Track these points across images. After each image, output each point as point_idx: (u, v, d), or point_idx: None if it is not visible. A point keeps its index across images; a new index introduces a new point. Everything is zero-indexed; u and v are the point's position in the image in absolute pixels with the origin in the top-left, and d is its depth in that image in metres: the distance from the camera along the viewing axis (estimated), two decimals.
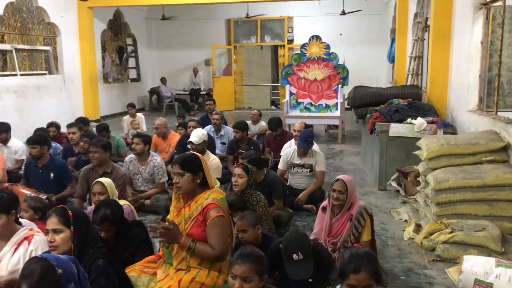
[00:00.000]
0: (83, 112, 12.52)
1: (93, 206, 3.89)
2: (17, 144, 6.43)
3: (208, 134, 6.90)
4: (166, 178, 5.56)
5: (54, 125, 7.24)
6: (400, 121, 6.19)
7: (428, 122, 5.91)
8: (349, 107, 9.47)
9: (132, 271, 2.82)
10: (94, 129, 7.42)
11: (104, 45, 13.76)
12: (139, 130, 9.48)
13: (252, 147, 6.22)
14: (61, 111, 11.15)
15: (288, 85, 10.16)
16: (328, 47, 9.93)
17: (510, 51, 5.79)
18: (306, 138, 5.43)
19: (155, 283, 2.78)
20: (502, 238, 3.93)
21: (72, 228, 2.49)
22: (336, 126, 10.11)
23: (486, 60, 5.83)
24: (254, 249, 2.43)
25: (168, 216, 3.06)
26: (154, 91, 15.97)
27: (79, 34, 12.08)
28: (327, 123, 10.48)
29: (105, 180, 3.91)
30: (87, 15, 12.19)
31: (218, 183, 3.12)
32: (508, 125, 4.70)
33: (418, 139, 5.36)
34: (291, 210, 4.99)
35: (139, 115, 9.72)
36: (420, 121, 5.96)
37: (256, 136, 8.12)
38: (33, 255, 2.86)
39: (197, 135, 5.30)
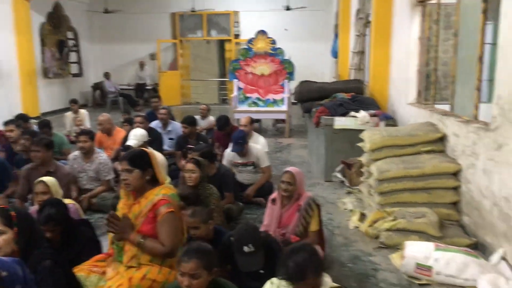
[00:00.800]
0: (21, 109, 11.95)
1: (36, 207, 3.76)
2: None
3: (155, 129, 6.84)
4: (113, 176, 5.44)
5: None
6: (344, 114, 6.39)
7: (370, 115, 6.14)
8: (295, 101, 9.66)
9: (81, 271, 2.76)
10: (35, 126, 7.12)
11: (43, 39, 13.19)
12: (82, 127, 9.22)
13: (201, 143, 6.20)
14: None
15: (236, 80, 10.20)
16: (274, 42, 10.05)
17: (445, 46, 6.11)
18: (237, 140, 5.40)
19: (105, 282, 2.74)
20: (440, 223, 4.16)
21: (15, 229, 2.41)
22: (283, 121, 10.25)
23: (424, 56, 6.12)
24: (200, 244, 2.43)
25: (118, 213, 3.01)
26: (97, 86, 15.51)
27: (15, 27, 11.49)
28: (275, 118, 10.62)
29: (48, 179, 3.78)
30: (23, 7, 11.61)
31: (169, 179, 3.11)
32: (443, 117, 4.97)
33: (361, 131, 5.56)
34: (241, 204, 5.05)
35: (82, 111, 9.43)
36: (362, 114, 6.18)
37: (205, 131, 8.10)
38: None
39: (136, 137, 5.13)
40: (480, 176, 4.03)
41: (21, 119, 6.88)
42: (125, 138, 6.41)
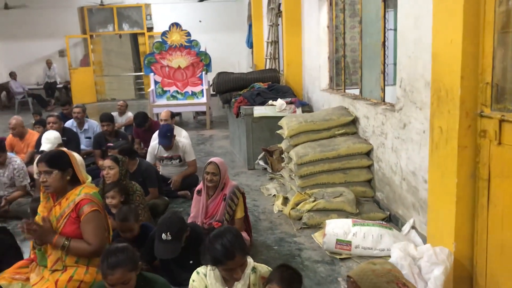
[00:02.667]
0: None
1: None
2: None
3: (70, 129, 6.58)
4: (28, 180, 5.19)
5: None
6: (262, 103, 6.56)
7: (287, 103, 6.36)
8: (214, 93, 9.71)
9: (2, 280, 2.65)
10: None
11: None
12: None
13: (120, 139, 6.08)
14: None
15: (152, 74, 10.04)
16: (188, 34, 10.00)
17: (352, 33, 6.44)
18: (165, 133, 5.41)
19: None
20: (356, 200, 4.45)
21: None
22: (204, 113, 10.27)
23: (333, 43, 6.43)
24: (117, 250, 2.36)
25: (37, 218, 2.91)
26: (2, 87, 14.49)
27: None
28: (195, 110, 10.60)
29: None
30: None
31: (90, 178, 3.05)
32: (354, 100, 5.29)
33: (280, 119, 5.76)
34: (166, 198, 5.04)
35: None
36: (280, 102, 6.38)
37: (123, 127, 7.92)
38: None
39: (50, 141, 4.94)
40: (389, 154, 4.35)
41: None
42: (39, 141, 6.14)
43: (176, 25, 9.95)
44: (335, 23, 6.34)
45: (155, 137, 6.18)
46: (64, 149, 3.04)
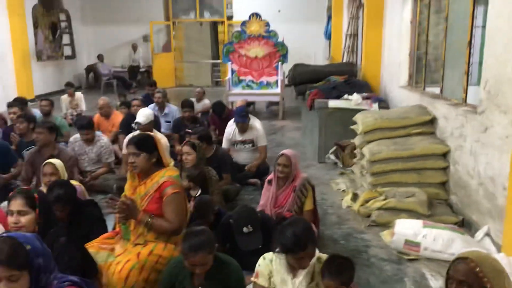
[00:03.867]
0: (16, 92, 11.98)
1: (44, 187, 3.91)
2: None
3: (153, 112, 6.95)
4: (113, 158, 5.60)
5: None
6: (338, 97, 6.55)
7: (363, 98, 6.30)
8: (288, 84, 9.79)
9: (91, 248, 2.92)
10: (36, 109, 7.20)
11: (36, 21, 13.12)
12: (78, 110, 9.32)
13: (198, 125, 6.35)
14: None
15: (230, 63, 10.28)
16: (268, 24, 10.12)
17: (435, 30, 6.23)
18: (240, 112, 5.67)
19: (114, 258, 2.90)
20: (428, 202, 4.37)
21: (37, 210, 2.56)
22: (277, 103, 10.38)
23: (415, 39, 6.26)
24: (197, 233, 2.52)
25: (123, 194, 3.17)
26: (90, 69, 15.50)
27: (8, 9, 11.42)
28: (269, 100, 10.74)
29: (55, 161, 3.93)
30: None
31: (173, 161, 3.27)
32: (433, 99, 5.15)
33: (354, 114, 5.73)
34: (238, 185, 5.22)
35: (78, 94, 9.50)
36: (356, 97, 6.34)
37: (200, 114, 8.22)
38: None
39: (144, 115, 5.31)
40: (467, 157, 4.22)
41: (19, 102, 6.94)
42: (123, 122, 6.57)
43: (256, 15, 10.10)
44: (418, 18, 6.17)
45: (230, 123, 6.38)
46: (151, 133, 3.26)
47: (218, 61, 16.39)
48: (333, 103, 6.37)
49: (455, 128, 4.51)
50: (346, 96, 6.46)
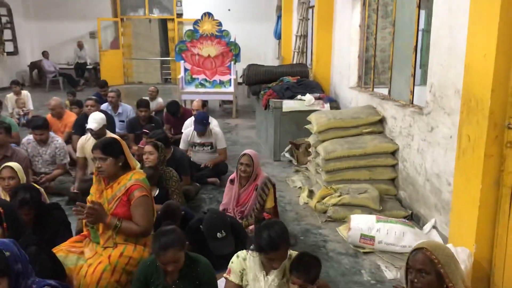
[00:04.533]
0: None
1: (1, 192, 3.83)
2: None
3: (107, 112, 6.86)
4: (68, 159, 5.51)
5: None
6: (291, 97, 6.76)
7: (316, 98, 6.55)
8: (240, 82, 9.92)
9: (60, 252, 2.92)
10: None
11: None
12: (25, 109, 9.02)
13: (153, 125, 6.35)
14: None
15: (182, 61, 10.28)
16: (220, 24, 10.20)
17: (383, 34, 6.57)
18: (201, 120, 5.67)
19: (84, 261, 2.92)
20: (380, 198, 4.65)
21: (5, 224, 2.54)
22: (230, 102, 10.50)
23: (363, 42, 6.57)
24: (167, 232, 2.59)
25: (89, 198, 3.18)
26: (35, 66, 14.93)
27: None
28: (222, 99, 10.83)
29: (14, 164, 3.83)
30: None
31: (139, 164, 3.31)
32: (382, 101, 5.45)
33: (308, 114, 5.96)
34: (198, 185, 5.30)
35: (25, 92, 9.18)
36: (309, 97, 6.57)
37: (153, 112, 8.18)
38: None
39: (96, 120, 5.18)
40: (415, 155, 4.53)
41: None
42: (76, 122, 6.45)
43: (208, 14, 10.15)
44: (367, 22, 6.48)
45: (188, 124, 6.43)
46: (116, 136, 3.29)
47: (168, 58, 16.29)
48: (287, 104, 6.57)
49: (403, 128, 4.82)
50: (299, 96, 6.67)
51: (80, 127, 6.37)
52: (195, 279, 2.69)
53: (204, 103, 6.68)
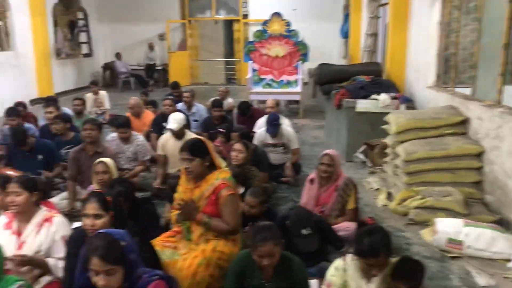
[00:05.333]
0: (36, 90, 12.15)
1: (94, 185, 4.05)
2: None
3: (181, 111, 7.05)
4: (149, 156, 5.72)
5: (22, 104, 7.11)
6: (365, 97, 6.63)
7: (391, 98, 6.39)
8: (306, 82, 9.86)
9: (155, 246, 3.05)
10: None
11: (55, 20, 13.27)
12: (102, 108, 9.45)
13: (227, 124, 6.46)
14: (15, 89, 10.84)
15: (251, 62, 10.38)
16: (289, 24, 10.21)
17: (465, 31, 6.31)
18: (272, 122, 5.67)
19: (178, 256, 3.02)
20: (465, 201, 4.46)
21: (111, 212, 2.68)
22: (296, 102, 10.48)
23: (443, 40, 6.34)
24: (265, 227, 2.67)
25: (177, 195, 3.29)
26: (108, 67, 15.63)
27: (30, 8, 11.55)
28: (289, 99, 10.83)
29: (107, 159, 4.06)
30: None
31: (225, 163, 3.38)
32: (465, 100, 5.24)
33: (382, 114, 5.83)
34: (275, 183, 5.34)
35: (102, 92, 9.61)
36: (384, 97, 6.43)
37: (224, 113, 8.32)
38: (56, 236, 3.03)
39: (177, 121, 5.33)
40: (505, 158, 4.31)
41: (52, 101, 7.10)
42: (154, 121, 6.70)
43: (277, 14, 10.20)
44: (448, 19, 6.24)
45: (260, 124, 6.47)
46: (202, 137, 3.38)
47: (233, 59, 16.52)
48: (361, 104, 6.46)
49: (490, 129, 4.60)
50: (373, 96, 6.54)
51: (158, 126, 6.61)
52: (289, 277, 2.71)
53: (278, 102, 6.71)
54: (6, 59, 10.91)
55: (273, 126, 5.63)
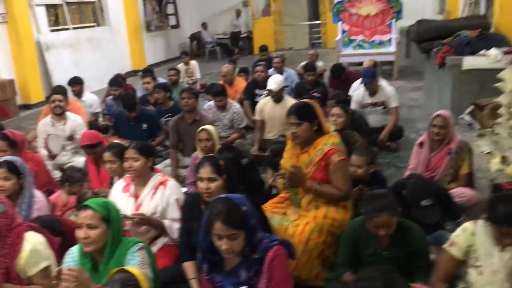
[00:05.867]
0: (130, 63, 12.69)
1: (198, 152, 4.12)
2: (91, 98, 6.68)
3: None
4: (245, 124, 5.74)
5: (121, 76, 7.41)
6: (472, 54, 6.10)
7: (505, 53, 5.81)
8: (398, 42, 9.28)
9: (265, 211, 3.02)
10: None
11: None
12: (193, 78, 9.63)
13: (322, 88, 6.29)
14: (111, 62, 11.39)
15: (340, 23, 9.97)
16: None
17: None
18: (367, 73, 5.45)
19: (288, 222, 2.97)
20: None
21: (224, 176, 2.67)
22: (389, 63, 9.96)
23: None
24: (380, 195, 2.52)
25: (282, 162, 3.21)
26: (194, 37, 15.90)
27: None
28: (382, 60, 10.28)
29: (209, 127, 4.11)
30: None
31: (333, 127, 3.24)
32: None
33: (493, 71, 5.30)
34: (375, 148, 5.12)
35: (193, 62, 9.77)
36: (495, 52, 5.86)
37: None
38: (170, 198, 3.11)
39: (276, 82, 5.26)
40: None
41: (148, 72, 7.34)
42: (247, 88, 6.69)
43: None
44: None
45: (355, 87, 6.21)
46: (309, 100, 3.24)
47: (317, 22, 16.07)
48: (468, 60, 5.95)
49: None
50: (482, 51, 5.98)
51: (250, 93, 6.61)
52: (407, 246, 2.56)
53: (376, 62, 6.40)
54: (102, 34, 11.46)
55: (368, 77, 5.38)
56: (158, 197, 3.11)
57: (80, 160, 5.12)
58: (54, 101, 5.04)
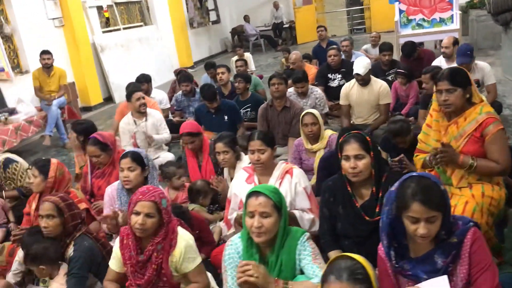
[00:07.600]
0: (177, 60, 12.61)
1: (302, 138, 3.92)
2: (160, 94, 6.57)
3: (347, 61, 6.69)
4: (327, 109, 5.51)
5: (183, 71, 7.29)
6: None
7: None
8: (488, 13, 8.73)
9: None
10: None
11: None
12: (249, 70, 9.41)
13: (396, 69, 6.03)
14: (160, 60, 11.32)
15: (397, 3, 9.56)
16: None
17: None
18: (465, 51, 5.06)
19: None
20: None
21: (372, 153, 2.45)
22: None
23: None
24: None
25: (423, 137, 2.96)
26: (236, 31, 15.72)
27: None
28: (442, 38, 9.84)
29: (313, 111, 3.92)
30: None
31: (485, 97, 2.96)
32: None
33: None
34: None
35: (247, 54, 9.58)
36: None
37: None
38: (298, 187, 2.92)
39: (363, 65, 4.94)
40: None
41: (212, 67, 7.25)
42: (319, 73, 6.47)
43: None
44: None
45: (438, 63, 5.88)
46: (461, 67, 2.97)
47: (360, 7, 15.66)
48: None
49: None
50: None
51: (322, 78, 6.37)
52: None
53: (456, 40, 6.04)
54: (151, 33, 11.39)
55: (466, 56, 5.00)
56: (285, 186, 2.91)
57: (166, 156, 5.02)
58: (139, 99, 4.93)
